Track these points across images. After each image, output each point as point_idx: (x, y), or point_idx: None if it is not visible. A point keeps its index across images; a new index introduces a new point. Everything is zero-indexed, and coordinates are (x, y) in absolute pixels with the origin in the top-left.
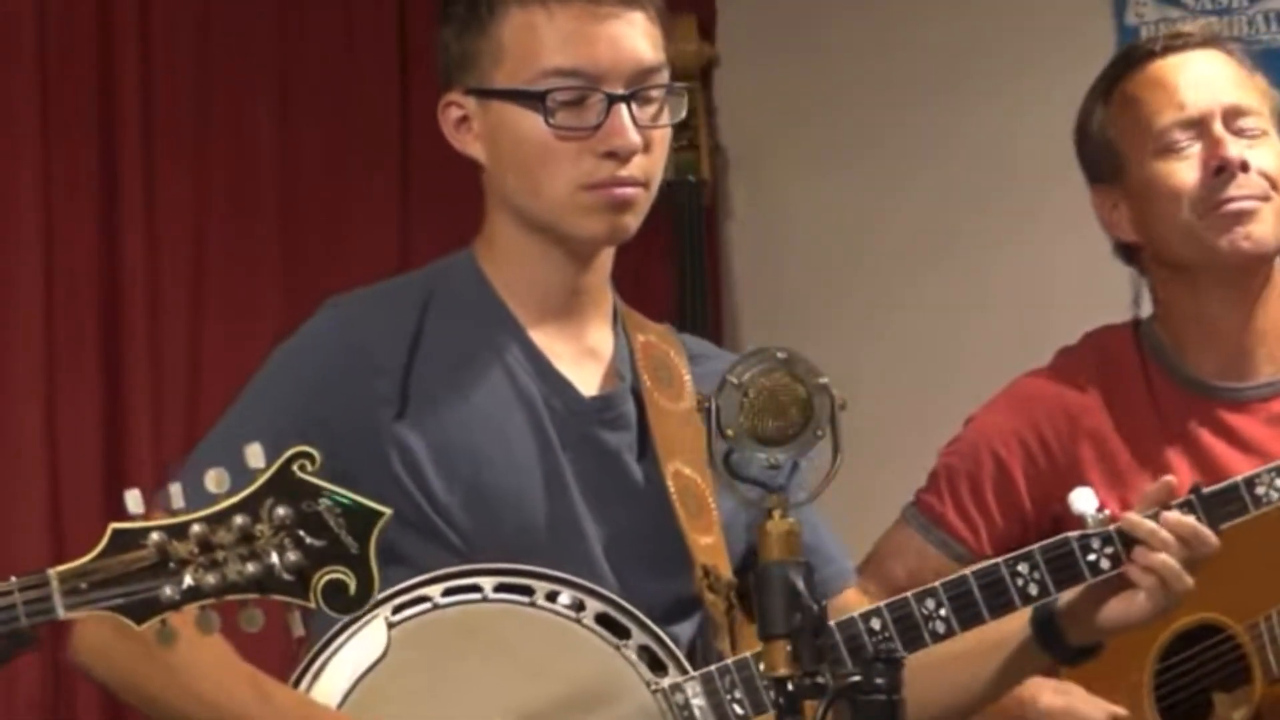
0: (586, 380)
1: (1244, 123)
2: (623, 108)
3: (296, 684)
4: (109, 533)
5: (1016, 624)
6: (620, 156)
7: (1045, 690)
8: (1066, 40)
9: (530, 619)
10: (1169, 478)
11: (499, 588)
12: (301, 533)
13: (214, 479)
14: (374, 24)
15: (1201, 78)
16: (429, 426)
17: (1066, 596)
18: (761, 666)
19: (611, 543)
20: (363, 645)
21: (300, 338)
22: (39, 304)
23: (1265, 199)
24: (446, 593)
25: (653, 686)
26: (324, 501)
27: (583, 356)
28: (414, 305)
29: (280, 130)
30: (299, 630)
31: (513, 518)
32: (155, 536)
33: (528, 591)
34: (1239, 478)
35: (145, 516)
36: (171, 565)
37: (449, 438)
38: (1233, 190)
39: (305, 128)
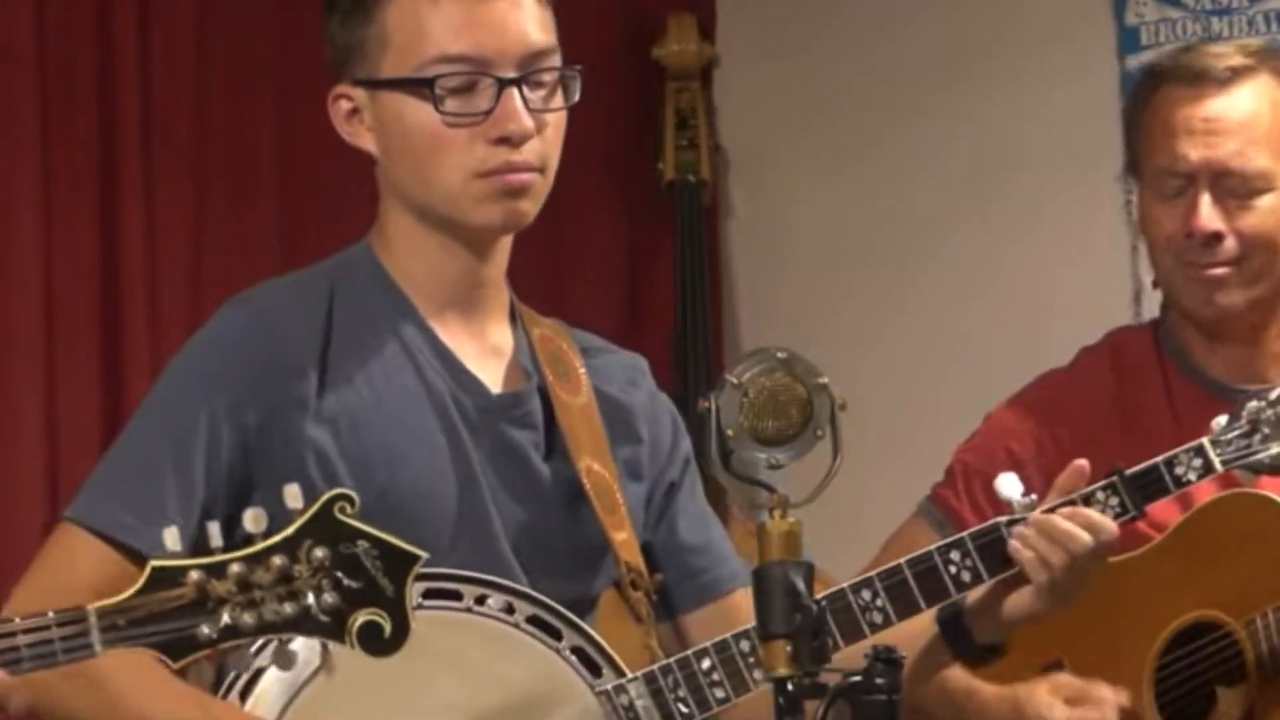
0: (492, 377)
1: (1236, 184)
2: (514, 92)
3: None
4: (148, 570)
5: (923, 622)
6: (513, 141)
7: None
8: (1066, 40)
9: (465, 624)
10: (1080, 462)
11: (427, 593)
12: (339, 574)
13: (252, 518)
14: None
15: (1206, 129)
16: (343, 428)
17: (974, 593)
18: (703, 665)
19: (520, 542)
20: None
21: (210, 339)
22: (39, 304)
23: (1237, 263)
24: None
25: (596, 688)
26: (361, 544)
27: (487, 353)
28: (319, 301)
29: (280, 130)
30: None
31: (426, 517)
32: (195, 575)
33: (456, 596)
34: (1159, 459)
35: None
36: (210, 604)
37: (362, 440)
38: (1204, 257)
39: (305, 128)
